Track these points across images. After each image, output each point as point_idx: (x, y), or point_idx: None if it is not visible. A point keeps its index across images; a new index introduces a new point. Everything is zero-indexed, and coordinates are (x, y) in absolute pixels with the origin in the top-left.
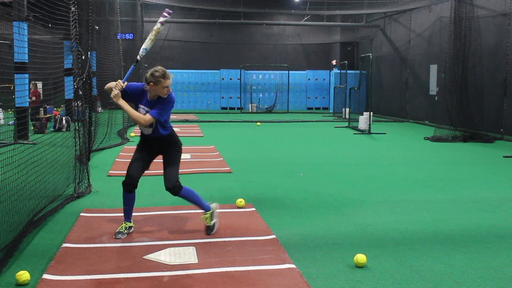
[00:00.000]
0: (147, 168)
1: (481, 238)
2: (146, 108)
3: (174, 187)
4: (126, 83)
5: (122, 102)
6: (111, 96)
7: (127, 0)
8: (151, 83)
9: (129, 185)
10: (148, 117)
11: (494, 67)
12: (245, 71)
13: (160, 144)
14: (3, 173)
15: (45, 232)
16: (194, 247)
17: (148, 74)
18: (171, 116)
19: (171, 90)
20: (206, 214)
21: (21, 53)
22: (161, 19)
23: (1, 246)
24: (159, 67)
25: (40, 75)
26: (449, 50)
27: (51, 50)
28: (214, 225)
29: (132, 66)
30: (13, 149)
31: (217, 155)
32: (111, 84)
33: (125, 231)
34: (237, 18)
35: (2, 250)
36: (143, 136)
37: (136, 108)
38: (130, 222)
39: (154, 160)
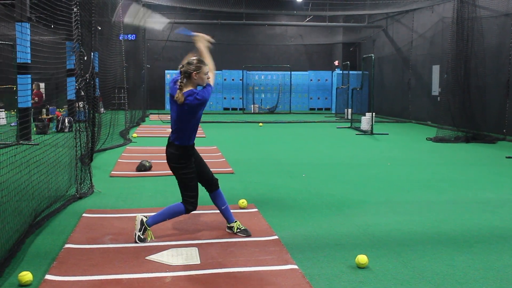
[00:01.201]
0: None
1: (483, 239)
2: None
3: (217, 179)
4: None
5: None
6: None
7: (129, 1)
8: (195, 72)
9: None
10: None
11: (496, 67)
12: (247, 72)
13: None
14: (6, 173)
15: (47, 233)
16: (197, 248)
17: (187, 67)
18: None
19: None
20: (237, 222)
21: (24, 54)
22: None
23: (4, 247)
24: (194, 56)
25: (43, 75)
26: (451, 51)
27: (54, 50)
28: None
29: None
30: (16, 150)
31: (219, 155)
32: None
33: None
34: (239, 19)
35: (5, 251)
36: (193, 147)
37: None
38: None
39: (153, 161)
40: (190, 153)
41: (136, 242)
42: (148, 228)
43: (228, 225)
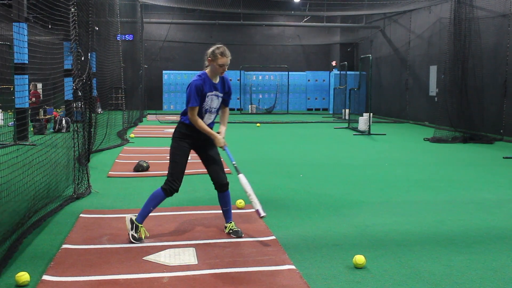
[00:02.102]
0: None
1: (481, 239)
2: (215, 93)
3: (227, 183)
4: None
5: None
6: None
7: (127, 1)
8: (209, 58)
9: (176, 192)
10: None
11: (494, 68)
12: (245, 72)
13: (206, 136)
14: (3, 174)
15: (44, 233)
16: (194, 248)
17: (209, 50)
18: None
19: (226, 69)
20: (232, 222)
21: (21, 54)
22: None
23: (1, 247)
24: (221, 45)
25: (40, 76)
26: (449, 51)
27: (51, 51)
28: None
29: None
30: (13, 150)
31: None
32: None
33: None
34: (237, 19)
35: (2, 251)
36: (192, 129)
37: (204, 98)
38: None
39: (150, 161)
40: (185, 132)
41: (132, 242)
42: (139, 225)
43: (225, 224)
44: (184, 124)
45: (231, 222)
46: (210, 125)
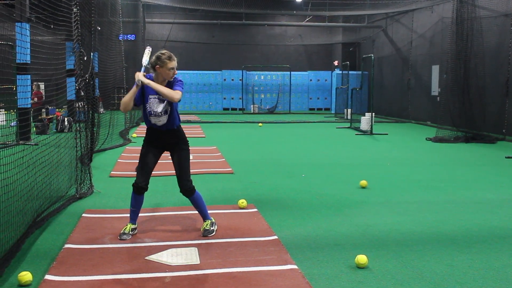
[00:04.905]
0: (154, 166)
1: (483, 239)
2: (158, 97)
3: (189, 189)
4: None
5: (152, 82)
6: (139, 79)
7: (129, 1)
8: (157, 66)
9: (140, 188)
10: (179, 92)
11: (496, 67)
12: (247, 72)
13: (169, 139)
14: (6, 174)
15: (47, 233)
16: (196, 248)
17: (153, 58)
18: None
19: (176, 73)
20: (206, 221)
21: (23, 54)
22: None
23: (4, 247)
24: (165, 50)
25: (42, 76)
26: (451, 51)
27: (53, 51)
28: (212, 230)
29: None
30: (15, 150)
31: (219, 156)
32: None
33: (130, 232)
34: (239, 19)
35: (4, 251)
36: (151, 131)
37: (147, 99)
38: (135, 224)
39: (157, 161)
40: (147, 134)
41: (121, 240)
42: (129, 223)
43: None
44: (146, 127)
45: (205, 222)
46: (166, 127)
